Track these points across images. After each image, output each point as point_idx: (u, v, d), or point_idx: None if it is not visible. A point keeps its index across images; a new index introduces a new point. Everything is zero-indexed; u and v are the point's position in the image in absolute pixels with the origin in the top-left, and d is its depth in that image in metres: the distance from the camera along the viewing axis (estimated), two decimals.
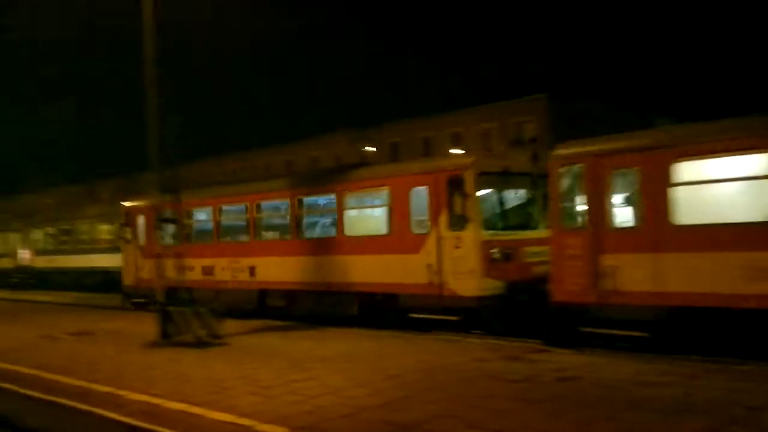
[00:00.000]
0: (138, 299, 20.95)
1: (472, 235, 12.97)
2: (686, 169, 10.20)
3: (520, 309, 12.71)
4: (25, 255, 36.44)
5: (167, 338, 12.96)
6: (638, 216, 10.80)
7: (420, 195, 13.74)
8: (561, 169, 11.66)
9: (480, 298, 12.72)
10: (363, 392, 8.34)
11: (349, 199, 15.52)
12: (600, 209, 11.04)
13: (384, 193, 14.52)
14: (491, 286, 12.75)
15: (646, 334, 10.55)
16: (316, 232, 16.95)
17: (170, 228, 14.60)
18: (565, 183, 11.75)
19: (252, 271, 17.72)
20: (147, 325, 15.01)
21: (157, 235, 14.10)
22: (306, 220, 17.06)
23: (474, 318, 12.80)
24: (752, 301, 9.34)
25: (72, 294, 29.69)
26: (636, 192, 10.85)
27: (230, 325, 13.93)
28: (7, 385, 9.84)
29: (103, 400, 8.57)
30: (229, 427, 7.13)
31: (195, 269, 17.83)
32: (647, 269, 10.41)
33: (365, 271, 14.47)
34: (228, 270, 18.37)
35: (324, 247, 15.86)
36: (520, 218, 14.00)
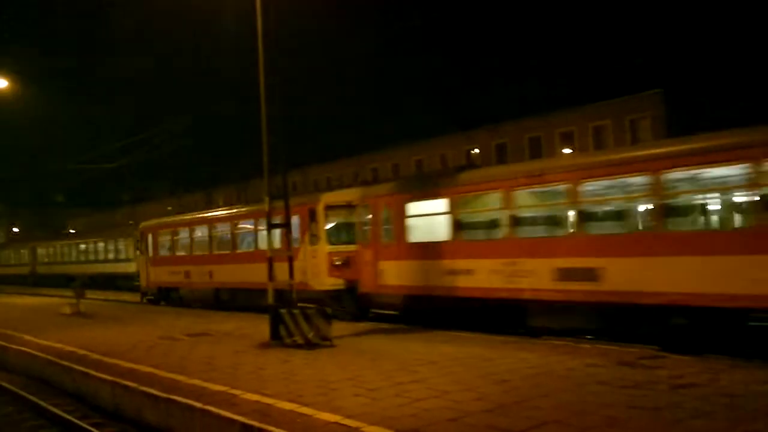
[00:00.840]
0: (149, 296, 28.39)
1: (321, 248, 18.36)
2: (411, 207, 16.18)
3: (354, 299, 18.02)
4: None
5: (278, 339, 13.31)
6: (392, 237, 16.64)
7: (296, 221, 17.54)
8: (361, 205, 17.75)
9: (326, 291, 18.15)
10: (470, 396, 8.23)
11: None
12: (377, 232, 17.15)
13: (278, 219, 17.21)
14: (333, 282, 18.11)
15: (397, 312, 17.31)
16: (243, 248, 22.46)
17: (278, 233, 15.00)
18: (362, 214, 17.69)
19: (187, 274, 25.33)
20: (259, 326, 15.50)
21: (268, 240, 14.47)
22: (240, 240, 22.86)
23: (324, 304, 15.50)
24: (442, 290, 15.19)
25: None
26: (391, 221, 16.70)
27: (338, 327, 14.15)
28: (127, 383, 10.36)
29: (218, 398, 8.87)
30: (337, 428, 7.20)
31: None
32: (396, 270, 16.45)
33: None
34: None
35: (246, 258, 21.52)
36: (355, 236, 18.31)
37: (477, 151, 48.01)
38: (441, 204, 15.28)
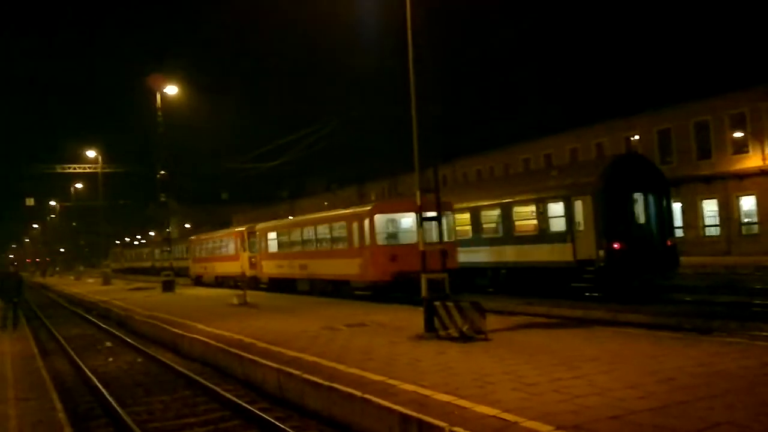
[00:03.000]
0: (262, 285, 35.55)
1: (245, 254, 36.75)
2: (269, 235, 34.04)
3: (253, 280, 34.23)
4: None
5: (432, 331, 13.42)
6: (264, 249, 34.16)
7: (239, 238, 37.57)
8: (256, 232, 35.76)
9: (249, 277, 33.60)
10: (633, 394, 7.89)
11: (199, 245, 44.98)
12: (260, 247, 34.86)
13: (231, 236, 37.01)
14: (250, 272, 34.95)
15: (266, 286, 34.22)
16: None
17: (433, 226, 15.09)
18: (258, 237, 35.37)
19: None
20: (413, 318, 15.70)
21: (419, 234, 14.62)
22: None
23: (248, 284, 29.19)
24: (280, 274, 32.65)
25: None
26: (264, 241, 34.08)
27: (491, 321, 14.03)
28: (292, 370, 10.86)
29: (376, 388, 9.08)
30: (495, 422, 7.16)
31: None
32: (266, 265, 33.74)
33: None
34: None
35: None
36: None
37: (637, 137, 45.61)
38: (274, 234, 33.02)
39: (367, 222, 23.31)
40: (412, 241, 19.19)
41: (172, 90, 36.59)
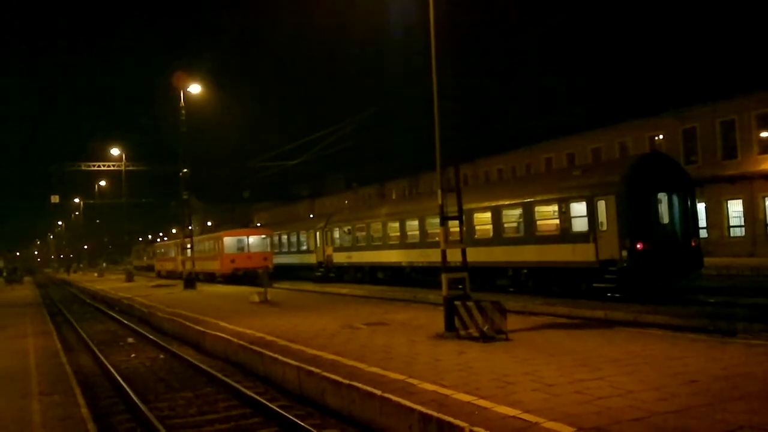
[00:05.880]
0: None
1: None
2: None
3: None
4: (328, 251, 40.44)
5: (453, 331, 13.39)
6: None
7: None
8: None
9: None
10: (655, 396, 7.81)
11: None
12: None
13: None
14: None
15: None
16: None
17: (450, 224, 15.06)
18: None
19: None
20: (433, 317, 15.68)
21: (442, 232, 14.60)
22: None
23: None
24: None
25: (366, 287, 32.15)
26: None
27: (512, 321, 13.97)
28: (312, 368, 10.88)
29: (396, 387, 9.08)
30: (515, 422, 7.12)
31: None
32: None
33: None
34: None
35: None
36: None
37: (662, 137, 45.10)
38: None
39: (221, 241, 44.27)
40: (242, 252, 43.46)
41: (195, 89, 36.82)
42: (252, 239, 43.98)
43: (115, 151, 55.46)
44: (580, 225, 21.25)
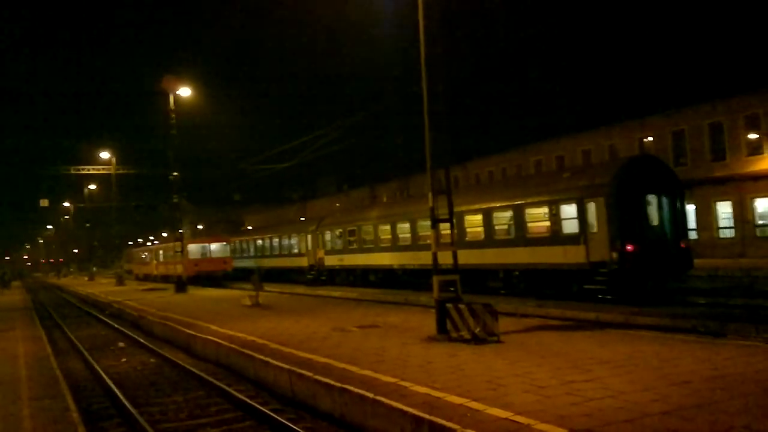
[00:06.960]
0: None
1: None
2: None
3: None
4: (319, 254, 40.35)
5: (444, 333, 13.40)
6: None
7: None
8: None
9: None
10: (647, 397, 7.85)
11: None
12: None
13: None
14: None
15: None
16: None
17: (442, 228, 15.07)
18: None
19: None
20: (425, 320, 15.69)
21: (433, 235, 14.62)
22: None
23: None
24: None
25: (358, 289, 32.12)
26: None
27: (504, 323, 14.00)
28: (303, 372, 10.86)
29: (388, 390, 9.08)
30: (508, 424, 7.14)
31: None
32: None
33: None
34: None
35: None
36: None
37: (651, 139, 45.29)
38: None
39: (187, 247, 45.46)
40: (204, 257, 48.59)
41: (185, 92, 36.77)
42: (213, 246, 49.65)
43: (105, 155, 55.26)
44: (570, 227, 21.31)
